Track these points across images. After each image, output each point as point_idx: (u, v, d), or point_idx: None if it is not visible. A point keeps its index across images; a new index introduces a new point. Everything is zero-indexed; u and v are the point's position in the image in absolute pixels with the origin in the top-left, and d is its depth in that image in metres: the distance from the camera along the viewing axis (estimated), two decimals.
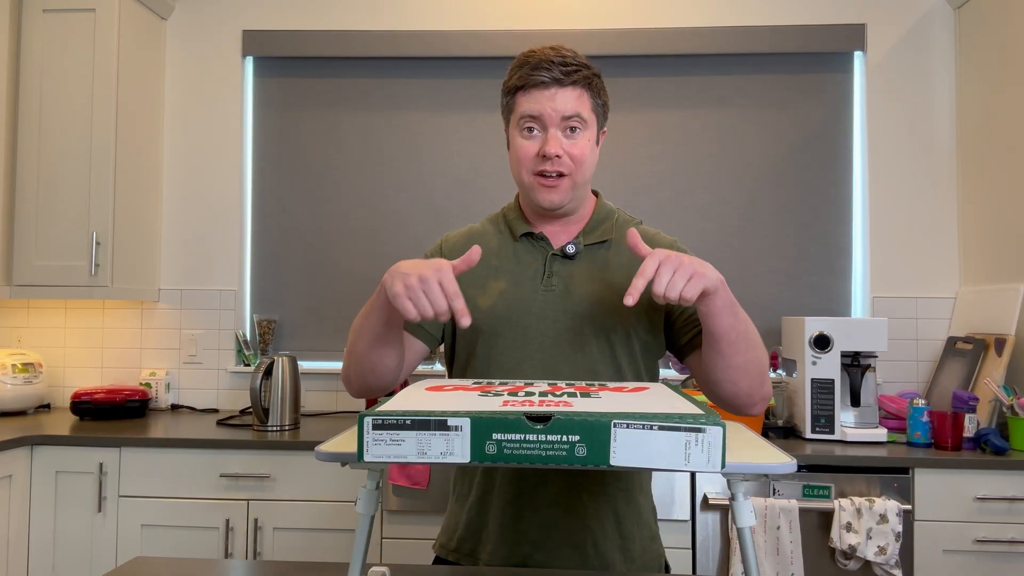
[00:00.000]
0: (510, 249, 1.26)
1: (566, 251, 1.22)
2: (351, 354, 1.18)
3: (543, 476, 1.17)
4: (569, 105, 1.15)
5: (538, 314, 1.20)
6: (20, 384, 2.61)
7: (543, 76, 1.15)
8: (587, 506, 1.17)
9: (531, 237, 1.25)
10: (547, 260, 1.22)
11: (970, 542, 2.05)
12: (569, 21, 2.86)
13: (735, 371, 1.08)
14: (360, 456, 0.71)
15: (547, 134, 1.16)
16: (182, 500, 2.23)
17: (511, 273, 1.23)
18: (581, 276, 1.21)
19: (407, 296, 0.97)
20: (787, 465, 0.77)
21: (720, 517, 2.11)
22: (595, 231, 1.25)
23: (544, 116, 1.15)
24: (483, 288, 1.23)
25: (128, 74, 2.65)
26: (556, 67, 1.14)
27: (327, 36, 2.87)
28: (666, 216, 2.82)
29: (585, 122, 1.17)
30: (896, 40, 2.78)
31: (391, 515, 2.20)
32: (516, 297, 1.21)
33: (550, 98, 1.15)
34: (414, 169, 2.89)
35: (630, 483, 1.21)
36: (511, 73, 1.20)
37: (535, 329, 1.19)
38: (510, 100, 1.21)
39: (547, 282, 1.21)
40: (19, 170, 2.56)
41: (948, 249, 2.74)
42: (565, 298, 1.20)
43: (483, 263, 1.25)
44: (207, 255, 2.90)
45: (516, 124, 1.19)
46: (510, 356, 1.19)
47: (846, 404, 2.32)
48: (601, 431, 0.69)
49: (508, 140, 1.23)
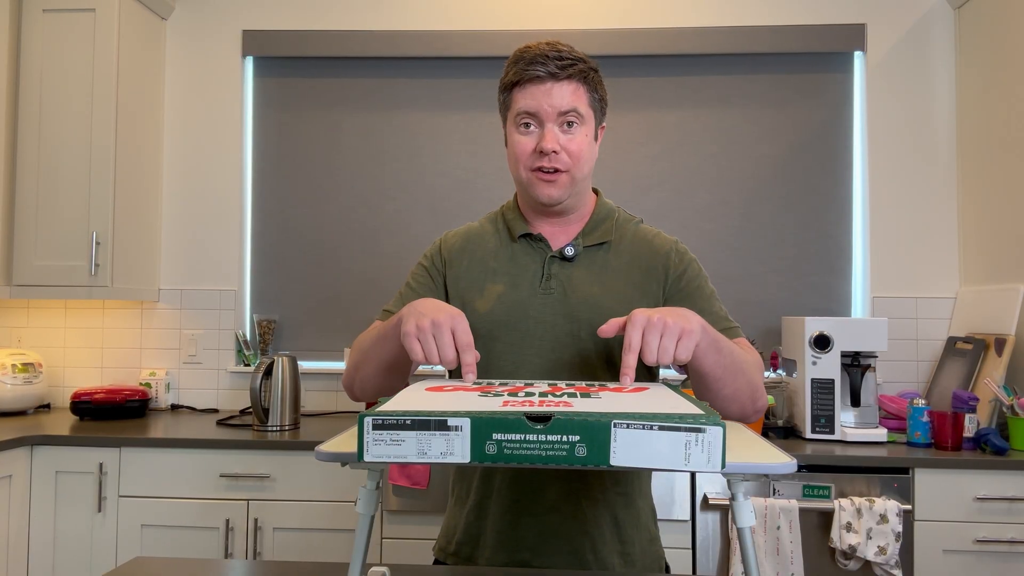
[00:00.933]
0: (508, 250, 1.25)
1: (565, 253, 1.21)
2: (356, 370, 1.17)
3: (542, 482, 1.16)
4: (565, 100, 1.14)
5: (536, 318, 1.19)
6: (20, 384, 2.61)
7: (538, 71, 1.14)
8: (586, 512, 1.16)
9: (530, 238, 1.24)
10: (546, 262, 1.22)
11: (970, 542, 2.05)
12: (569, 21, 2.86)
13: (725, 400, 1.07)
14: (360, 456, 0.71)
15: (544, 130, 1.15)
16: (182, 500, 2.23)
17: (509, 275, 1.22)
18: (580, 279, 1.20)
19: (416, 337, 0.96)
20: (787, 465, 0.77)
21: (720, 517, 2.11)
22: (595, 231, 1.24)
23: (540, 112, 1.14)
24: (481, 291, 1.22)
25: (128, 74, 2.65)
26: (551, 61, 1.14)
27: (327, 36, 2.87)
28: (666, 216, 2.82)
29: (582, 117, 1.16)
30: (896, 40, 2.78)
31: (391, 515, 2.20)
32: (514, 301, 1.20)
33: (546, 93, 1.14)
34: (414, 169, 2.89)
35: (629, 487, 1.20)
36: (507, 69, 1.19)
37: (533, 333, 1.18)
38: (507, 97, 1.20)
39: (545, 285, 1.20)
40: (19, 170, 2.56)
41: (948, 249, 2.74)
42: (563, 301, 1.19)
43: (481, 265, 1.25)
44: (207, 255, 2.90)
45: (513, 121, 1.19)
46: (508, 360, 1.19)
47: (846, 404, 2.31)
48: (601, 431, 0.69)
49: (506, 137, 1.23)
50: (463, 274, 1.25)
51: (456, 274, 1.26)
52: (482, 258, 1.25)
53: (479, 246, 1.27)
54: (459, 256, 1.27)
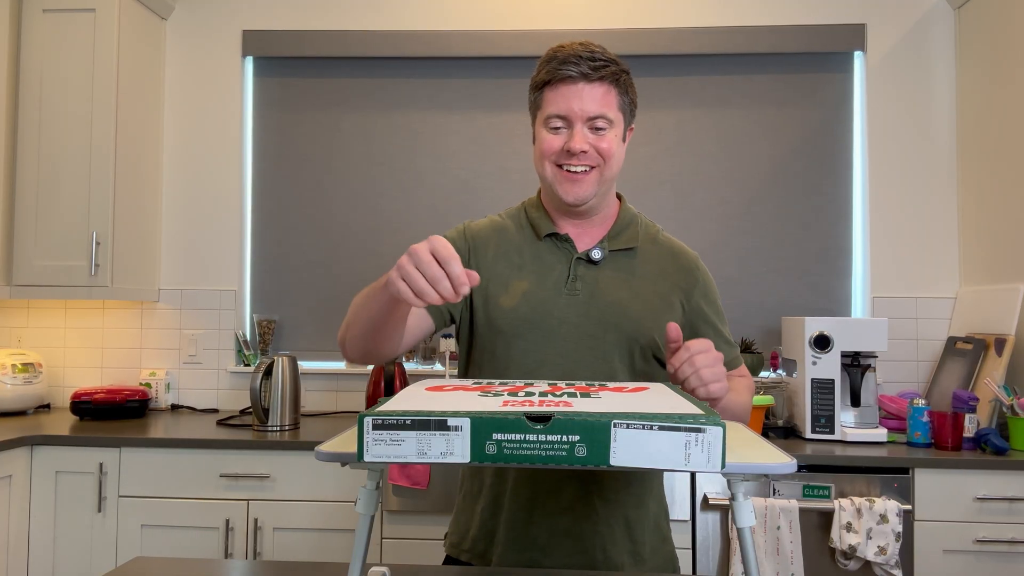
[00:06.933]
0: (534, 248, 1.23)
1: (592, 256, 1.20)
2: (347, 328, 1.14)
3: (558, 482, 1.16)
4: (595, 105, 1.14)
5: (560, 318, 1.18)
6: (20, 384, 2.61)
7: (570, 71, 1.14)
8: (599, 512, 1.16)
9: (555, 238, 1.23)
10: (572, 263, 1.20)
11: (970, 542, 2.05)
12: (569, 21, 2.86)
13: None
14: (360, 456, 0.71)
15: (573, 130, 1.15)
16: (182, 500, 2.23)
17: (535, 274, 1.21)
18: (606, 283, 1.20)
19: (400, 277, 0.88)
20: (787, 465, 0.77)
21: (720, 517, 2.11)
22: (620, 236, 1.24)
23: (570, 115, 1.14)
24: (506, 286, 1.20)
25: (128, 74, 2.65)
26: (584, 62, 1.13)
27: (327, 36, 2.87)
28: (666, 216, 2.82)
29: (611, 122, 1.16)
30: (896, 40, 2.78)
31: (391, 515, 2.20)
32: (540, 299, 1.18)
33: (577, 94, 1.14)
34: (414, 169, 2.89)
35: (641, 488, 1.21)
36: (539, 68, 1.19)
37: (557, 333, 1.17)
38: (537, 96, 1.20)
39: (571, 286, 1.19)
40: (19, 170, 2.56)
41: (948, 249, 2.74)
42: (589, 304, 1.18)
43: (506, 260, 1.23)
44: (207, 255, 2.90)
45: (543, 122, 1.18)
46: (531, 358, 1.17)
47: (846, 404, 2.31)
48: (601, 431, 0.69)
49: (533, 136, 1.22)
50: (488, 265, 1.22)
51: (479, 264, 1.23)
52: (507, 252, 1.23)
53: (504, 240, 1.25)
54: (484, 246, 1.24)
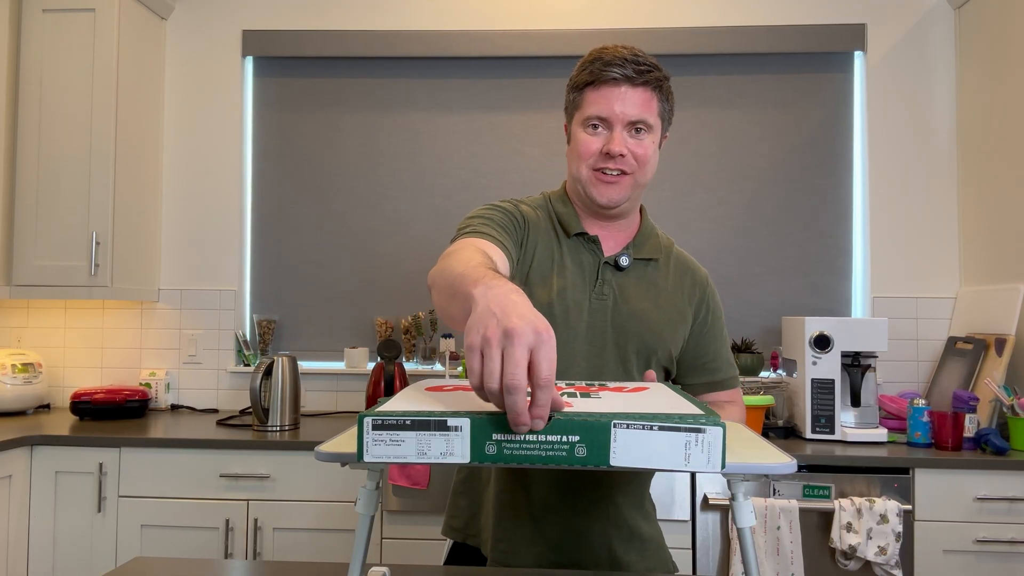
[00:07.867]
0: (564, 245, 1.21)
1: (619, 262, 1.20)
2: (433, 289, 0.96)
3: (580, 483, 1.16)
4: (636, 110, 1.13)
5: (589, 321, 1.17)
6: (20, 384, 2.61)
7: (615, 73, 1.13)
8: (610, 512, 1.17)
9: (583, 238, 1.21)
10: (599, 267, 1.19)
11: (970, 542, 2.05)
12: (569, 21, 2.86)
13: None
14: (360, 456, 0.71)
15: (612, 132, 1.14)
16: (182, 500, 2.23)
17: (569, 272, 1.19)
18: (632, 290, 1.19)
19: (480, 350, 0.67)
20: (787, 465, 0.77)
21: (720, 517, 2.11)
22: (644, 246, 1.23)
23: (612, 118, 1.13)
24: (544, 279, 1.17)
25: (128, 74, 2.64)
26: (629, 65, 1.13)
27: (327, 36, 2.87)
28: (666, 216, 2.82)
29: (650, 127, 1.16)
30: (896, 40, 2.78)
31: (391, 515, 2.20)
32: (573, 300, 1.17)
33: (619, 97, 1.13)
34: (414, 169, 2.89)
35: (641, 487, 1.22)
36: (581, 68, 1.18)
37: (584, 336, 1.17)
38: (577, 96, 1.18)
39: (599, 290, 1.18)
40: (19, 170, 2.56)
41: (948, 249, 2.74)
42: (615, 310, 1.18)
43: (548, 252, 1.19)
44: (207, 255, 2.90)
45: (581, 122, 1.17)
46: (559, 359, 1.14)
47: (846, 404, 2.31)
48: (601, 431, 0.69)
49: (568, 135, 1.21)
50: (535, 253, 1.19)
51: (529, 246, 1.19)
52: (548, 243, 1.20)
53: (543, 231, 1.22)
54: (535, 231, 1.21)
